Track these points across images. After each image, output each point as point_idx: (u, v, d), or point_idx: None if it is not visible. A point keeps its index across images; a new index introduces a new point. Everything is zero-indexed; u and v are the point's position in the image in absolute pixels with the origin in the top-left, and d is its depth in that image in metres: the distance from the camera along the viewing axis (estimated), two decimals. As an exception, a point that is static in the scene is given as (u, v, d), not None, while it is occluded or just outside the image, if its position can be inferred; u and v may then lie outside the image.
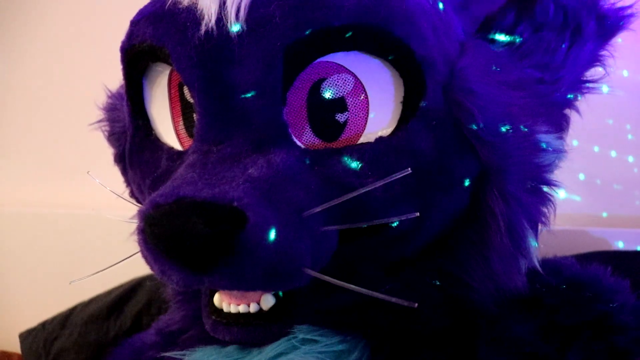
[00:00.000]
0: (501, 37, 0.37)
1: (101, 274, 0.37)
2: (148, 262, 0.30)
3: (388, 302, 0.30)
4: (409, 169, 0.30)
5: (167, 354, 0.38)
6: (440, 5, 0.34)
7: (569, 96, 0.38)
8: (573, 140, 0.62)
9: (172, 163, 0.35)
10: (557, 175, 0.35)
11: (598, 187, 0.65)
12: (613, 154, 0.65)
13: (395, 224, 0.32)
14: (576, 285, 0.38)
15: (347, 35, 0.30)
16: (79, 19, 0.89)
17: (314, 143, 0.32)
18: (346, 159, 0.31)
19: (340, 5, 0.30)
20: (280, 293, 0.34)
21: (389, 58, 0.31)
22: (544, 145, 0.34)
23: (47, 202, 0.92)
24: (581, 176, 0.65)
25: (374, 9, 0.30)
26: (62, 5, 0.90)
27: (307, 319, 0.35)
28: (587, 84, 0.39)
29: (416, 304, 0.29)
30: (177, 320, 0.43)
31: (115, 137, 0.43)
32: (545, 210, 0.36)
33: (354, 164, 0.31)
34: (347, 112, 0.32)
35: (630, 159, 0.65)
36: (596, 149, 0.65)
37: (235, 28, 0.30)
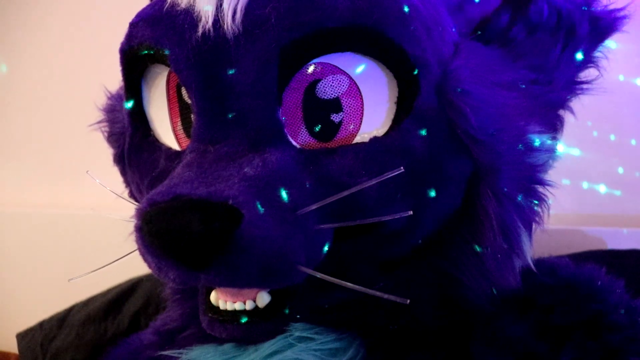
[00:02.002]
0: None
1: (99, 274, 0.37)
2: (145, 260, 0.31)
3: (382, 300, 0.30)
4: (402, 167, 0.31)
5: (165, 353, 0.39)
6: (434, 8, 0.35)
7: (562, 97, 0.39)
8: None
9: (170, 163, 0.36)
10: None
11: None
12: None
13: (389, 223, 0.33)
14: (571, 285, 0.38)
15: (341, 36, 0.31)
16: (79, 20, 0.89)
17: (310, 143, 0.33)
18: (341, 158, 0.32)
19: (335, 7, 0.30)
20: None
21: (383, 59, 0.32)
22: (538, 145, 0.34)
23: (46, 203, 0.92)
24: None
25: (368, 11, 0.30)
26: (62, 6, 0.90)
27: (303, 316, 0.35)
28: (581, 85, 0.40)
29: (408, 301, 0.30)
30: (175, 318, 0.43)
31: (114, 138, 0.43)
32: (538, 209, 0.36)
33: (349, 164, 0.31)
34: (342, 113, 0.32)
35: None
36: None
37: (231, 30, 0.30)
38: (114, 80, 0.42)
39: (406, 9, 0.32)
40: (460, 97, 0.32)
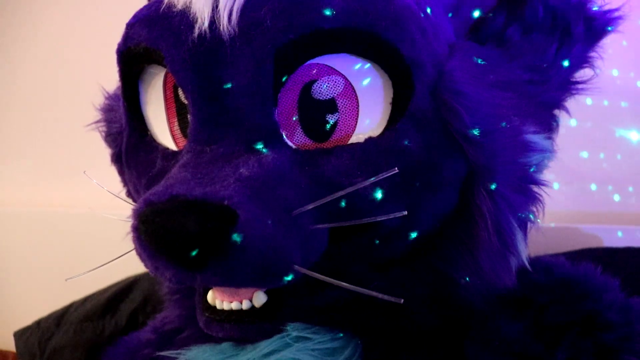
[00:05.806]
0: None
1: (97, 273, 0.37)
2: (142, 260, 0.31)
3: (378, 300, 0.31)
4: (396, 168, 0.31)
5: (163, 353, 0.39)
6: (428, 9, 0.35)
7: (558, 97, 0.39)
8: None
9: (167, 163, 0.36)
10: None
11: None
12: None
13: (384, 223, 0.33)
14: (566, 284, 0.38)
15: (336, 38, 0.31)
16: (77, 21, 0.89)
17: (305, 143, 0.33)
18: (336, 159, 0.32)
19: (330, 8, 0.30)
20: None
21: (378, 60, 0.32)
22: (533, 145, 0.34)
23: (44, 202, 0.92)
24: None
25: (362, 13, 0.30)
26: (60, 6, 0.90)
27: (300, 316, 0.35)
28: (576, 85, 0.40)
29: (402, 300, 0.30)
30: (173, 319, 0.43)
31: (112, 138, 0.43)
32: (533, 209, 0.36)
33: (344, 164, 0.32)
34: (337, 113, 0.32)
35: None
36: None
37: (227, 31, 0.31)
38: (112, 80, 0.43)
39: (400, 10, 0.32)
40: (455, 97, 0.32)
